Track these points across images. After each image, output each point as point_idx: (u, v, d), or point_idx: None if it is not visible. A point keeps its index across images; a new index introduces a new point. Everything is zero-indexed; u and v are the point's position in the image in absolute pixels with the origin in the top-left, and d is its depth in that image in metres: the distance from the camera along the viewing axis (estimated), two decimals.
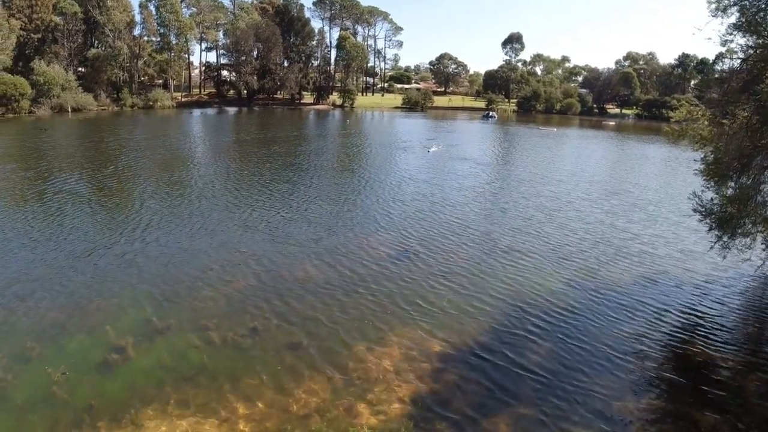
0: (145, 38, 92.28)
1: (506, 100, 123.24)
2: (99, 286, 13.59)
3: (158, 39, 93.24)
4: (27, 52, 78.39)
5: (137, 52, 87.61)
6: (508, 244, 18.38)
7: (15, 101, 67.61)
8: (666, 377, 10.55)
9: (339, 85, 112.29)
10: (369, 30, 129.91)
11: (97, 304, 12.44)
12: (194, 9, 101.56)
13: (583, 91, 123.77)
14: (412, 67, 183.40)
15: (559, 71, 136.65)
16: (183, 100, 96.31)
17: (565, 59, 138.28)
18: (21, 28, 76.43)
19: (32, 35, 79.30)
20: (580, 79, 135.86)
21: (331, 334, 11.22)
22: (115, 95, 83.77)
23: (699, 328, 12.73)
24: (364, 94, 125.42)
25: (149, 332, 11.08)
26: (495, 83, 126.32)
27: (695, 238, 19.69)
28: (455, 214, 22.65)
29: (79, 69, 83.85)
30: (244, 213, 21.59)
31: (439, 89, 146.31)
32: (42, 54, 78.72)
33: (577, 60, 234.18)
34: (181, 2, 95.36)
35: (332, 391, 9.42)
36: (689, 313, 13.46)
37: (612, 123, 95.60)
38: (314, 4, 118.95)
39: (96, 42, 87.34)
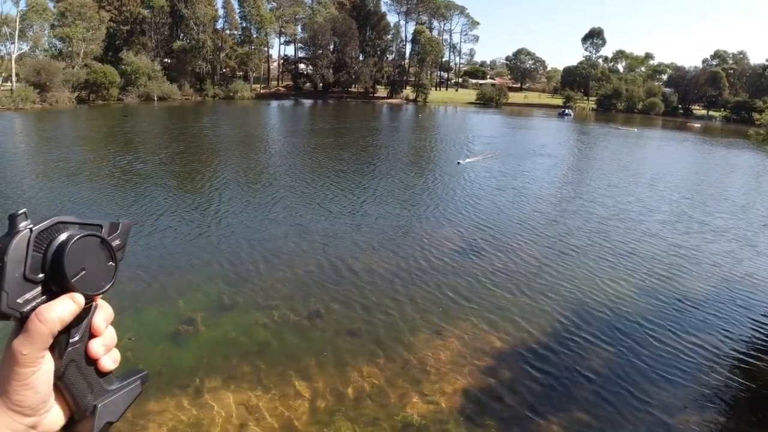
0: (228, 32, 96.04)
1: (585, 97, 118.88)
2: (174, 262, 14.58)
3: (240, 32, 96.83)
4: (116, 43, 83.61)
5: (220, 44, 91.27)
6: (576, 246, 17.95)
7: (105, 89, 72.33)
8: (733, 393, 10.05)
9: (413, 79, 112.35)
10: (445, 24, 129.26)
11: (171, 279, 13.34)
12: (274, 3, 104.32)
13: (668, 90, 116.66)
14: (488, 62, 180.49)
15: (642, 69, 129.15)
16: (261, 91, 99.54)
17: (648, 56, 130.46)
18: (110, 20, 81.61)
19: (121, 27, 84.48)
20: (664, 77, 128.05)
21: (390, 323, 11.46)
22: (198, 86, 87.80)
23: None
24: (438, 88, 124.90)
25: (218, 308, 11.77)
26: (574, 80, 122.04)
27: None
28: (523, 212, 22.33)
29: (165, 60, 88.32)
30: (313, 200, 22.28)
31: (514, 85, 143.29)
32: (130, 45, 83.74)
33: (662, 57, 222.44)
34: None
35: (387, 378, 9.66)
36: (763, 329, 12.74)
37: (697, 125, 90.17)
38: None
39: (181, 34, 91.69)
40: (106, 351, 0.87)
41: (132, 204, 21.04)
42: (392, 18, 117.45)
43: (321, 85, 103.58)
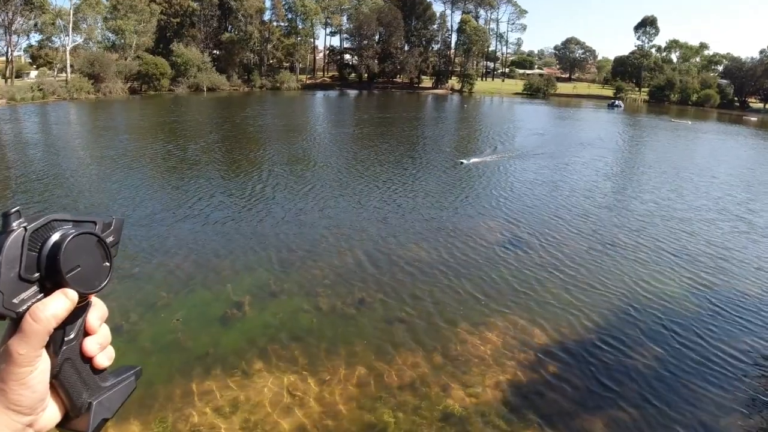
0: (275, 23, 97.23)
1: (637, 88, 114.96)
2: (223, 248, 14.95)
3: (286, 24, 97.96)
4: (167, 35, 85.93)
5: (267, 36, 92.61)
6: (625, 242, 17.47)
7: (156, 80, 74.61)
8: None
9: (458, 69, 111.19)
10: (491, 13, 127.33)
11: (220, 264, 13.71)
12: None
13: (723, 82, 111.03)
14: (535, 52, 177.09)
15: (697, 59, 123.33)
16: (307, 82, 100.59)
17: (703, 46, 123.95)
18: (161, 13, 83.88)
19: (171, 19, 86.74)
20: (719, 68, 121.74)
21: (434, 313, 11.47)
22: (246, 76, 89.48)
23: None
24: (484, 79, 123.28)
25: (265, 293, 12.04)
26: (625, 70, 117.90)
27: None
28: (570, 206, 21.87)
29: (214, 51, 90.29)
30: (358, 189, 22.48)
31: (563, 75, 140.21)
32: (180, 37, 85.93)
33: (717, 47, 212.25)
34: None
35: (429, 368, 9.68)
36: None
37: (754, 118, 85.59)
38: None
39: (229, 26, 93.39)
40: (100, 349, 0.88)
41: (181, 190, 21.73)
42: (438, 7, 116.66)
43: (366, 75, 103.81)
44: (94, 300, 0.89)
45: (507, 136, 43.77)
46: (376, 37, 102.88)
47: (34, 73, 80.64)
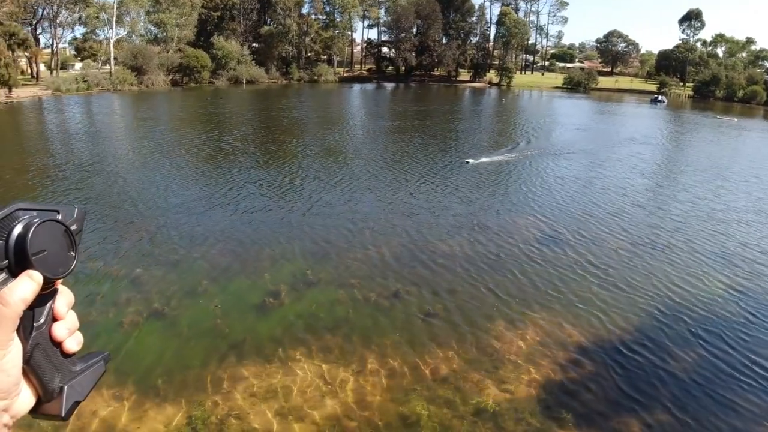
0: (313, 16, 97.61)
1: (681, 83, 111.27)
2: (261, 238, 15.26)
3: (324, 17, 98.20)
4: (208, 28, 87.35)
5: (305, 29, 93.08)
6: (665, 242, 16.97)
7: (197, 72, 76.01)
8: None
9: (497, 62, 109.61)
10: (532, 5, 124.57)
11: (258, 254, 13.95)
12: None
13: None
14: (576, 45, 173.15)
15: (743, 54, 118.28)
16: (345, 75, 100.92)
17: (750, 41, 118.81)
18: (202, 6, 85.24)
19: (212, 13, 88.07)
20: (767, 64, 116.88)
21: (469, 308, 11.42)
22: (284, 69, 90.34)
23: None
24: (523, 72, 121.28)
25: (301, 283, 12.20)
26: (669, 65, 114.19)
27: None
28: (609, 204, 21.36)
29: (253, 44, 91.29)
30: (393, 182, 22.52)
31: (605, 69, 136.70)
32: (221, 30, 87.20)
33: (764, 43, 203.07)
34: None
35: (463, 362, 9.65)
36: None
37: None
38: None
39: (268, 19, 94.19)
40: (69, 334, 0.89)
41: (219, 179, 22.20)
42: (476, 0, 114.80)
43: (403, 68, 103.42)
44: (61, 287, 0.90)
45: (543, 131, 43.04)
46: (414, 30, 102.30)
47: (78, 65, 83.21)
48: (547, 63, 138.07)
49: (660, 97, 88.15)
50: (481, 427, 8.23)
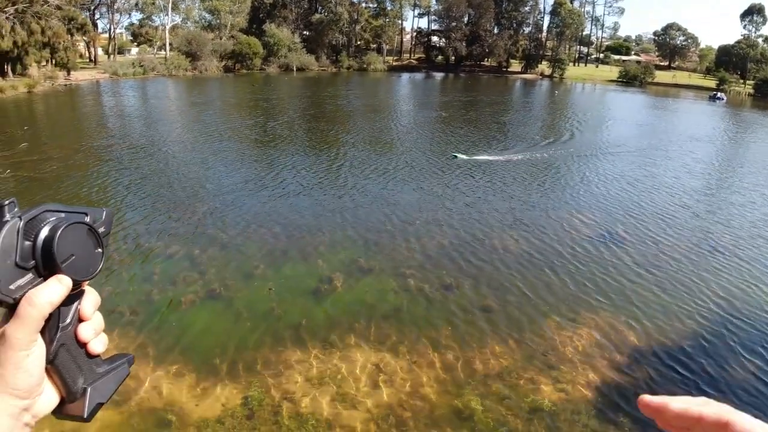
0: (363, 4, 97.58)
1: (741, 81, 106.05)
2: (314, 222, 15.36)
3: (375, 5, 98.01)
4: (260, 15, 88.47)
5: (355, 17, 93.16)
6: (728, 246, 16.15)
7: (249, 59, 77.16)
8: None
9: (549, 53, 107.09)
10: None
11: (313, 239, 14.06)
12: None
13: None
14: (633, 38, 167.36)
15: None
16: (394, 64, 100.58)
17: None
18: None
19: (265, 1, 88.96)
20: None
21: (522, 305, 11.19)
22: (334, 57, 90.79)
23: None
24: (576, 64, 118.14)
25: (355, 270, 12.23)
26: (729, 60, 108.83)
27: None
28: (669, 204, 20.52)
29: (304, 32, 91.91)
30: (442, 174, 22.24)
31: (662, 63, 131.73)
32: (272, 17, 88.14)
33: None
34: None
35: (517, 359, 9.49)
36: None
37: None
38: None
39: (319, 7, 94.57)
40: (95, 334, 0.90)
41: (271, 163, 22.61)
42: None
43: (453, 58, 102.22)
44: (88, 288, 0.91)
45: (596, 126, 41.86)
46: (465, 19, 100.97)
47: (134, 50, 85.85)
48: (601, 55, 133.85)
49: (719, 94, 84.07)
50: (536, 426, 8.08)
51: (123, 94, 52.37)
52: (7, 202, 0.80)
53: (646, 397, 0.71)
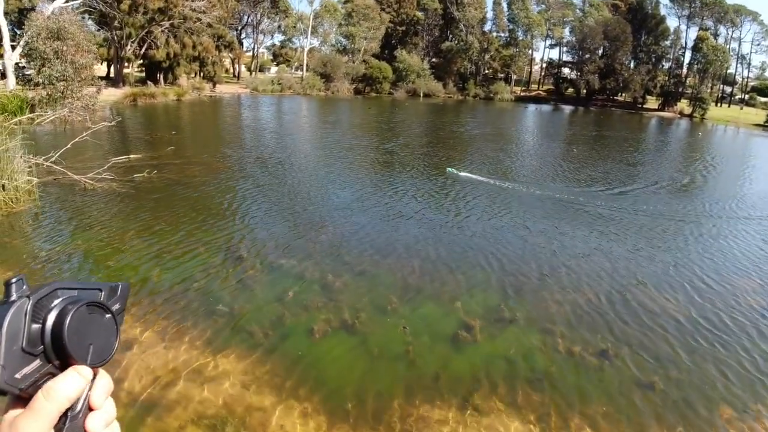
0: (494, 34, 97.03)
1: None
2: (452, 260, 14.44)
3: (506, 35, 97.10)
4: (392, 41, 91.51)
5: (485, 46, 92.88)
6: None
7: (378, 83, 79.72)
8: None
9: (689, 91, 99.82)
10: (733, 32, 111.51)
11: (448, 277, 13.23)
12: (543, 6, 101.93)
13: None
14: None
15: None
16: (521, 94, 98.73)
17: None
18: (390, 21, 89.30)
19: (398, 27, 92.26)
20: None
21: (691, 385, 9.53)
22: (461, 85, 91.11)
23: None
24: (719, 104, 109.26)
25: (495, 319, 11.21)
26: None
27: None
28: None
29: (433, 59, 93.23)
30: (582, 215, 20.54)
31: None
32: (404, 44, 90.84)
33: None
34: None
35: None
36: None
37: None
38: (671, 0, 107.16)
39: (450, 35, 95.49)
40: (105, 425, 0.83)
41: (407, 192, 22.20)
42: (672, 22, 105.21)
43: (584, 91, 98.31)
44: (101, 372, 0.84)
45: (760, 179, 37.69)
46: (600, 51, 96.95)
47: (274, 69, 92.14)
48: (746, 96, 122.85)
49: None
50: None
51: (261, 108, 55.82)
52: (14, 279, 0.75)
53: None
